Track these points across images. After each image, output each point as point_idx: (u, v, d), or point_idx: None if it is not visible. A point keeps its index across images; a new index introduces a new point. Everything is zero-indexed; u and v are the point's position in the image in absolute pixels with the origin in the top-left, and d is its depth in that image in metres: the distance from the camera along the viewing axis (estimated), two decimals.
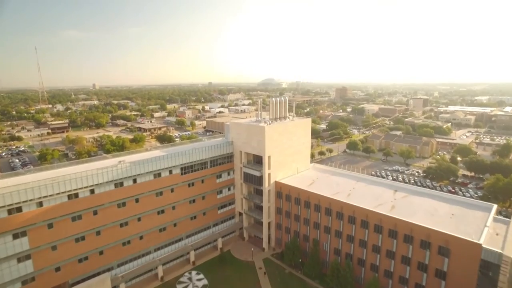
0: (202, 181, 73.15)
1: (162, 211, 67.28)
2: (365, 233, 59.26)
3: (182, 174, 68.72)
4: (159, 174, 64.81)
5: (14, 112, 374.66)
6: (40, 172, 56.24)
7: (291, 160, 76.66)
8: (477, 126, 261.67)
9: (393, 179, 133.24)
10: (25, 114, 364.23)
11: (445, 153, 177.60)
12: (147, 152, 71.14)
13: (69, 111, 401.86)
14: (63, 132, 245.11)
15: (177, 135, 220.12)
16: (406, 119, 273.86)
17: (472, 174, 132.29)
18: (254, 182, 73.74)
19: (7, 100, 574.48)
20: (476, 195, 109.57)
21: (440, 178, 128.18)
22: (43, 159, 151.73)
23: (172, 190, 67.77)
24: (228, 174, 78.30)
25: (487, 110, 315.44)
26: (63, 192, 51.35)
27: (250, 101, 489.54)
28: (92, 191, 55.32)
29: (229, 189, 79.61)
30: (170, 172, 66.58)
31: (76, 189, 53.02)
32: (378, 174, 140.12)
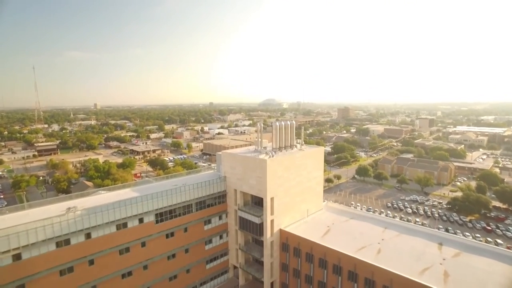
0: (185, 230, 56.39)
1: (129, 273, 50.03)
2: None
3: (157, 222, 52.13)
4: (125, 225, 48.23)
5: (6, 132, 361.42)
6: None
7: (299, 200, 60.24)
8: (491, 148, 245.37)
9: (413, 212, 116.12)
10: (18, 135, 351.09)
11: (465, 179, 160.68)
12: (111, 193, 54.96)
13: (63, 131, 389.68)
14: (50, 154, 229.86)
15: (171, 158, 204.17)
16: (416, 141, 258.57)
17: (506, 206, 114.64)
18: (253, 230, 56.86)
19: (5, 120, 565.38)
20: None
21: (468, 211, 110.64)
22: (16, 186, 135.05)
23: (143, 244, 50.93)
24: (220, 218, 61.56)
25: (499, 130, 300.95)
26: None
27: (251, 121, 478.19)
28: (17, 257, 38.62)
29: (221, 237, 62.55)
30: (141, 220, 50.06)
31: None
32: (395, 205, 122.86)
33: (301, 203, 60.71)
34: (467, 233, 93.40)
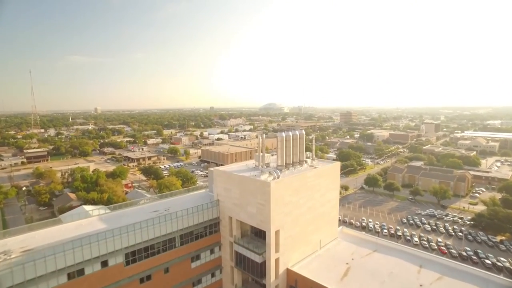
0: (166, 270, 44.16)
1: None
2: None
3: (128, 263, 39.95)
4: (81, 272, 36.07)
5: None
6: None
7: (311, 230, 48.02)
8: (504, 154, 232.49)
9: (433, 230, 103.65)
10: (11, 140, 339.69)
11: (483, 189, 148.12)
12: (71, 223, 42.83)
13: (59, 136, 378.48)
14: (40, 161, 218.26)
15: (166, 166, 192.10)
16: (424, 147, 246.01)
17: None
18: (252, 270, 44.60)
19: (2, 124, 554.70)
20: None
21: (496, 229, 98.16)
22: None
23: None
24: (212, 252, 49.26)
25: (511, 135, 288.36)
26: None
27: (251, 126, 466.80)
28: None
29: (212, 275, 50.19)
30: (104, 264, 37.90)
31: None
32: (411, 221, 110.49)
33: (313, 233, 48.48)
34: (502, 258, 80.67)
